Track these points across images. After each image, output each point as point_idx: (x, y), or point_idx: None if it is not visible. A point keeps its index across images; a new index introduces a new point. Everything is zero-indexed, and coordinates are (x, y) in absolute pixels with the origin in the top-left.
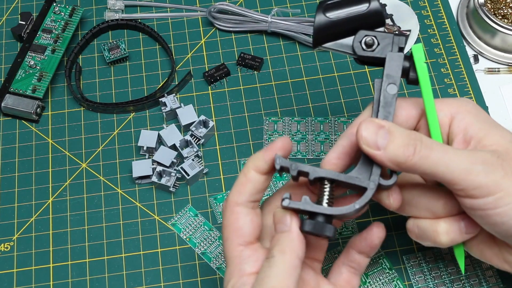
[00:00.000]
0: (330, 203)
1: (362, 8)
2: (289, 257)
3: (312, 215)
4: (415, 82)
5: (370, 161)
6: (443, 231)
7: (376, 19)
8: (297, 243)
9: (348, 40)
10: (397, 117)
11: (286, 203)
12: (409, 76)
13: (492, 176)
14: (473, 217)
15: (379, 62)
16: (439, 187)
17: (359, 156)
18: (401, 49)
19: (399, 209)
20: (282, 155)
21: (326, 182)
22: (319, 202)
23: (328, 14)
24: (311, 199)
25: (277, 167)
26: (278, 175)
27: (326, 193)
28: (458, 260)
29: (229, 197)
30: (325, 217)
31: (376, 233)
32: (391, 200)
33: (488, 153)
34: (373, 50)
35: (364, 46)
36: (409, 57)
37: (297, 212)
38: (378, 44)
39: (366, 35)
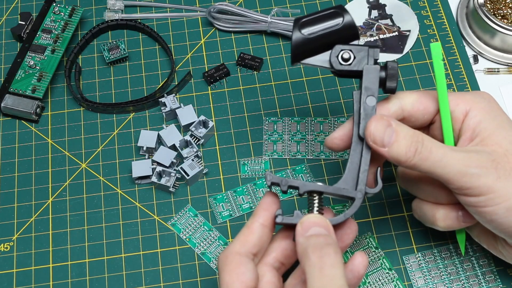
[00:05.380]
0: (320, 213)
1: (336, 23)
2: None
3: None
4: (391, 91)
5: (356, 171)
6: (440, 217)
7: (351, 32)
8: None
9: (325, 55)
10: (415, 111)
11: (279, 219)
12: (385, 87)
13: (484, 179)
14: (469, 211)
15: (356, 74)
16: None
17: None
18: (376, 61)
19: (408, 187)
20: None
21: (315, 194)
22: (310, 212)
23: (304, 31)
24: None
25: (268, 183)
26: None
27: (316, 204)
28: (460, 243)
29: (229, 248)
30: None
31: (360, 262)
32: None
33: (484, 156)
34: (349, 64)
35: (341, 61)
36: (385, 68)
37: (289, 226)
38: (354, 57)
39: (342, 50)
